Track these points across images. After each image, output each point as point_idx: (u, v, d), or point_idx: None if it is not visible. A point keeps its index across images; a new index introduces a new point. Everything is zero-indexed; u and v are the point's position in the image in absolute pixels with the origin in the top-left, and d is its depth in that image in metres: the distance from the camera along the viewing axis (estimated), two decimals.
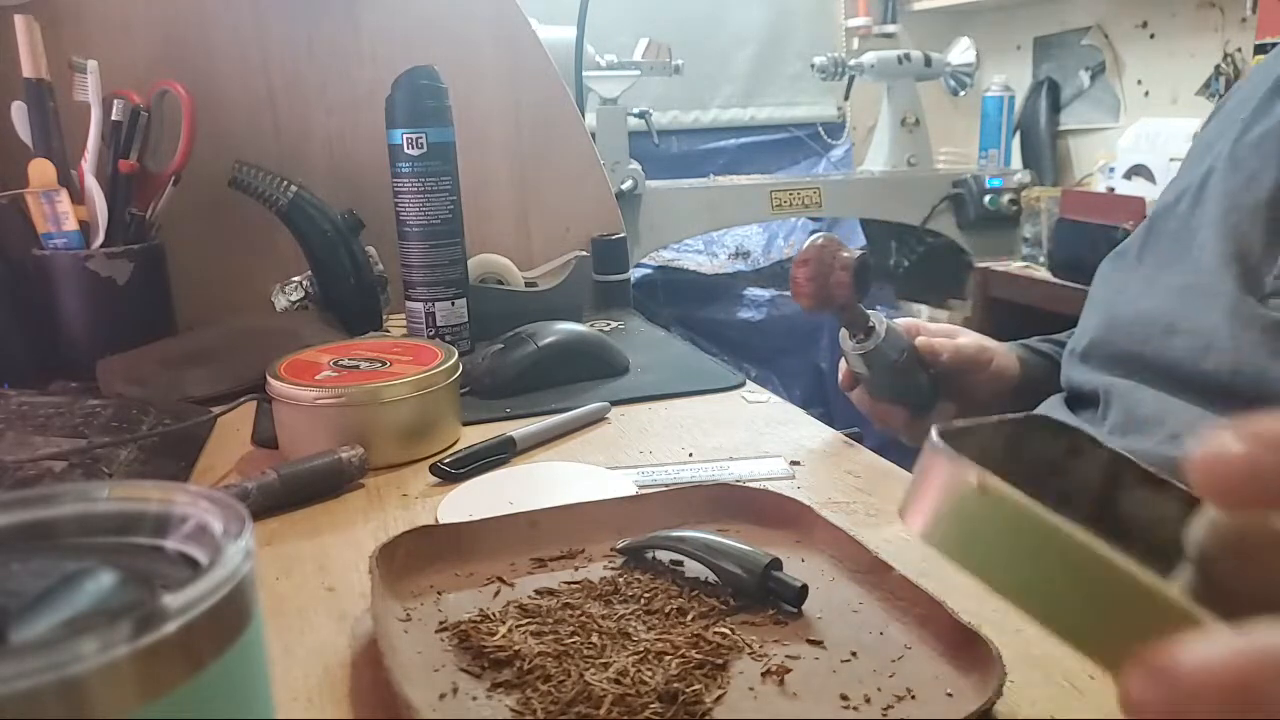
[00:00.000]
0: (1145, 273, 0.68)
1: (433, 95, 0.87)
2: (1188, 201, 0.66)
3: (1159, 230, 0.69)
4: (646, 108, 2.05)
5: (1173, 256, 0.66)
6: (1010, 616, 0.43)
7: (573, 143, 1.20)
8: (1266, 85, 0.65)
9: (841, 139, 2.67)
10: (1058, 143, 2.43)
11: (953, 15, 2.62)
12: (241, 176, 0.92)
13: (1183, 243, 0.65)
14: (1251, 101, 0.66)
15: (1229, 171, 0.64)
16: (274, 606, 0.46)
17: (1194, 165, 0.69)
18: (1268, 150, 0.61)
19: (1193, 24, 2.07)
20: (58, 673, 0.18)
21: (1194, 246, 0.64)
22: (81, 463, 0.61)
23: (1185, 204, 0.67)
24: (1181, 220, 0.66)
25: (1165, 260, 0.66)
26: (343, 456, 0.60)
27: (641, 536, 0.49)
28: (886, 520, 0.54)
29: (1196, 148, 0.72)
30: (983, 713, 0.34)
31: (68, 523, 0.25)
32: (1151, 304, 0.64)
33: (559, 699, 0.36)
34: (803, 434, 0.69)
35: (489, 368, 0.81)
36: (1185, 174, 0.70)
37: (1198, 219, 0.65)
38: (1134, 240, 0.72)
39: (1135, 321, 0.65)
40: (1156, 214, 0.70)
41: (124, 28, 1.00)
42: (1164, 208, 0.69)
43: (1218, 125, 0.70)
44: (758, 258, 2.44)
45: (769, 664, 0.39)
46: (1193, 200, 0.66)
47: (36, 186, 0.84)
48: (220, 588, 0.21)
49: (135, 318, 0.88)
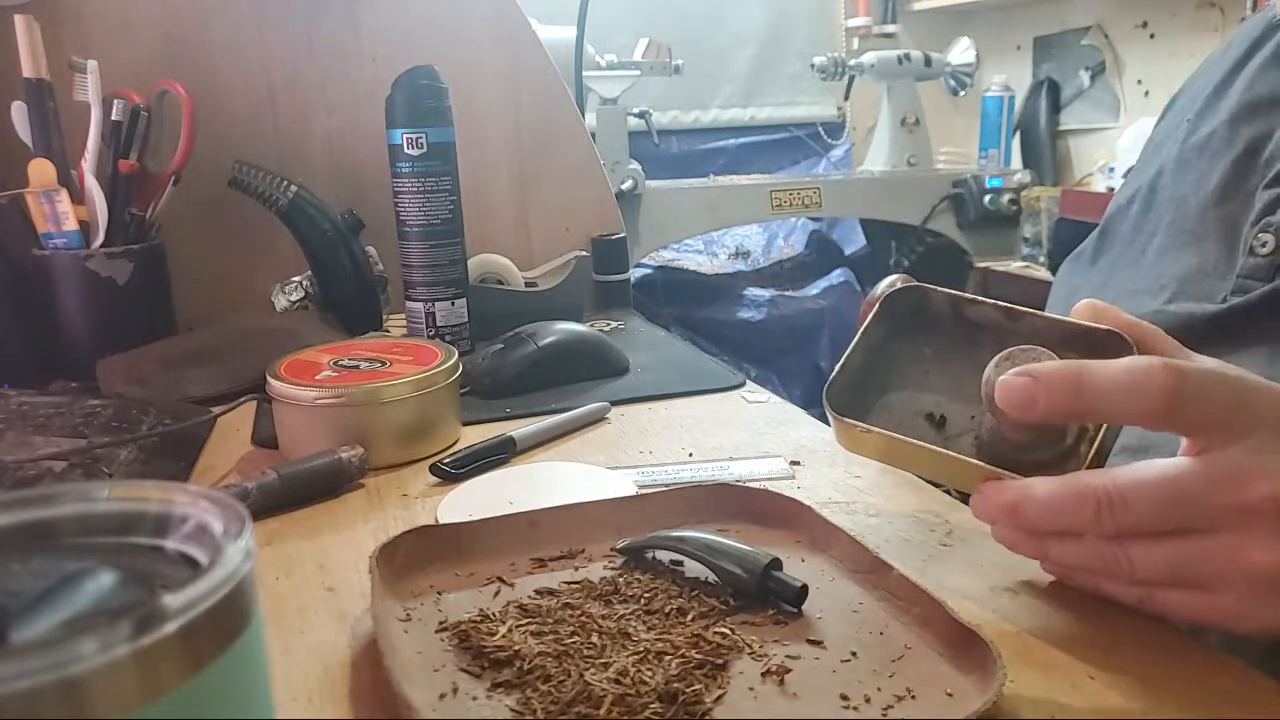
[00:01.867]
0: (1098, 276, 0.67)
1: (433, 95, 0.87)
2: (1139, 204, 0.66)
3: (1112, 233, 0.68)
4: (646, 108, 2.06)
5: (1126, 260, 0.65)
6: (1010, 616, 0.43)
7: (573, 143, 1.20)
8: (1212, 84, 0.64)
9: (841, 139, 2.68)
10: (1058, 143, 2.43)
11: (953, 15, 2.62)
12: (241, 176, 0.92)
13: (1136, 246, 0.64)
14: (1198, 101, 0.65)
15: (1177, 173, 0.63)
16: (274, 606, 0.46)
17: (1145, 166, 0.68)
18: (1214, 150, 0.60)
19: (1193, 24, 2.07)
20: (58, 673, 0.18)
21: (1148, 249, 0.63)
22: (81, 463, 0.61)
23: (1137, 206, 0.66)
24: (1134, 223, 0.65)
25: (1118, 263, 0.66)
26: (343, 456, 0.60)
27: (641, 536, 0.49)
28: (887, 520, 0.54)
29: (1148, 147, 0.71)
30: (983, 713, 0.34)
31: (68, 523, 0.25)
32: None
33: (559, 699, 0.36)
34: (803, 434, 0.69)
35: (489, 368, 0.81)
36: (1137, 175, 0.69)
37: (1150, 222, 0.64)
38: (1089, 243, 0.71)
39: None
40: (1110, 216, 0.69)
41: (124, 28, 1.00)
42: (1117, 209, 0.68)
43: (1166, 125, 0.69)
44: (758, 258, 2.44)
45: (769, 664, 0.39)
46: (1144, 203, 0.65)
47: (36, 186, 0.84)
48: (220, 588, 0.21)
49: (135, 318, 0.88)
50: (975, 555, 0.49)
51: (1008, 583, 0.46)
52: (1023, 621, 0.43)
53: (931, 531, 0.52)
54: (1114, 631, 0.42)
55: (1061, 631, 0.42)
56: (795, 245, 2.48)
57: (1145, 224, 0.64)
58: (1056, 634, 0.42)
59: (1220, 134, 0.60)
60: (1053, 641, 0.41)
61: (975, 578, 0.47)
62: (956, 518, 0.54)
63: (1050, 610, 0.44)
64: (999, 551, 0.44)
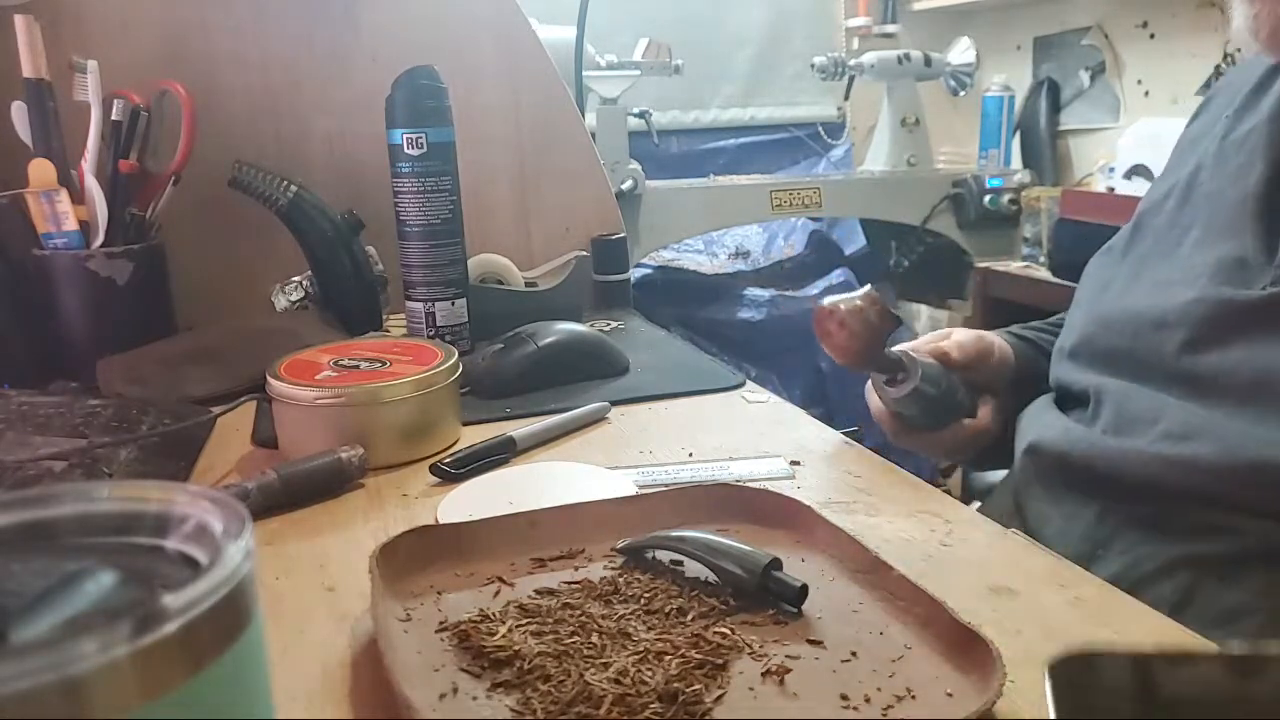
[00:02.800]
0: (1131, 269, 0.67)
1: (433, 95, 0.87)
2: (1176, 199, 0.66)
3: (1146, 227, 0.69)
4: (646, 108, 2.05)
5: (1160, 253, 0.65)
6: (1010, 616, 0.43)
7: (573, 143, 1.19)
8: (1252, 81, 0.65)
9: (841, 139, 2.67)
10: (1058, 143, 2.43)
11: (953, 15, 2.62)
12: (241, 176, 0.92)
13: (1171, 239, 0.65)
14: (1238, 97, 0.65)
15: (1216, 168, 0.63)
16: (274, 606, 0.46)
17: (1181, 162, 0.69)
18: (1254, 145, 0.61)
19: (1193, 24, 2.07)
20: (58, 673, 0.18)
21: (1184, 242, 0.63)
22: (81, 463, 0.61)
23: (1173, 201, 0.66)
24: (1170, 217, 0.66)
25: (1153, 257, 0.66)
26: (343, 456, 0.60)
27: (641, 536, 0.49)
28: (886, 520, 0.54)
29: (1183, 144, 0.72)
30: (983, 713, 0.34)
31: (68, 523, 0.25)
32: (1139, 300, 0.64)
33: (559, 699, 0.36)
34: (803, 434, 0.69)
35: (489, 368, 0.81)
36: (1172, 171, 0.70)
37: (1187, 216, 0.64)
38: (1120, 237, 0.71)
39: (1123, 318, 0.64)
40: (1144, 211, 0.70)
41: (124, 28, 1.00)
42: (1152, 205, 0.69)
43: (1204, 122, 0.70)
44: (758, 258, 2.44)
45: (769, 664, 0.39)
46: (1180, 197, 0.66)
47: (36, 186, 0.84)
48: (220, 588, 0.21)
49: (135, 318, 0.88)
50: (975, 555, 0.49)
51: (1008, 583, 0.46)
52: (1023, 621, 0.43)
53: (931, 531, 0.52)
54: (1114, 631, 0.42)
55: (1062, 632, 0.42)
56: (795, 245, 2.47)
57: (1181, 218, 0.65)
58: (1056, 634, 0.42)
59: (1261, 130, 0.61)
60: (1053, 642, 0.41)
61: (975, 578, 0.47)
62: (956, 517, 0.54)
63: (1050, 610, 0.44)
64: (999, 551, 0.44)
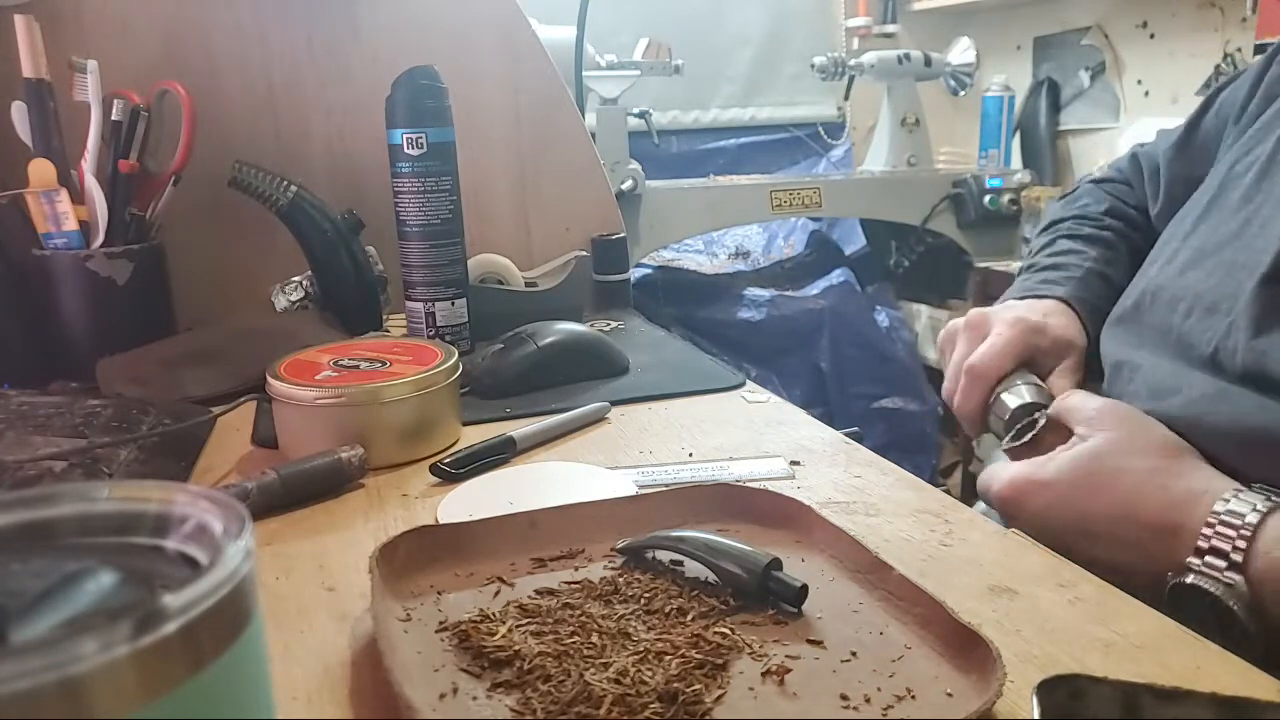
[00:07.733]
0: (1195, 241, 0.64)
1: (433, 95, 0.87)
2: (1255, 172, 0.62)
3: (1221, 198, 0.64)
4: (646, 108, 2.05)
5: (1228, 229, 0.62)
6: (1010, 616, 0.43)
7: (573, 143, 1.19)
8: None
9: (841, 139, 2.67)
10: (1058, 143, 2.43)
11: (953, 15, 2.62)
12: (241, 176, 0.92)
13: (1241, 215, 0.61)
14: None
15: None
16: (274, 606, 0.46)
17: (1267, 132, 0.63)
18: None
19: (1193, 24, 2.07)
20: (58, 673, 0.18)
21: (1253, 221, 0.60)
22: (81, 463, 0.61)
23: (1251, 175, 0.62)
24: (1245, 192, 0.62)
25: (1218, 231, 0.62)
26: (343, 456, 0.60)
27: (641, 536, 0.49)
28: (886, 520, 0.54)
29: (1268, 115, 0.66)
30: (982, 713, 0.34)
31: (68, 523, 0.25)
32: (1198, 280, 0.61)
33: (559, 699, 0.36)
34: (803, 434, 0.69)
35: (489, 368, 0.81)
36: (1256, 140, 0.65)
37: (1262, 192, 0.60)
38: (1194, 204, 0.67)
39: (1177, 295, 0.62)
40: (1225, 181, 0.65)
41: (124, 28, 1.00)
42: (1231, 174, 0.65)
43: None
44: (758, 258, 2.44)
45: (769, 664, 0.39)
46: (1260, 172, 0.62)
47: (36, 186, 0.84)
48: (220, 588, 0.21)
49: (135, 318, 0.88)
50: (975, 555, 0.49)
51: (1008, 583, 0.46)
52: (1023, 621, 0.43)
53: (931, 531, 0.52)
54: (1113, 631, 0.42)
55: (1062, 632, 0.42)
56: (795, 245, 2.47)
57: (1255, 194, 0.61)
58: (1056, 634, 0.42)
59: None
60: (1053, 641, 0.41)
61: (975, 578, 0.47)
62: (956, 517, 0.54)
63: (1050, 610, 0.44)
64: (999, 551, 0.44)
